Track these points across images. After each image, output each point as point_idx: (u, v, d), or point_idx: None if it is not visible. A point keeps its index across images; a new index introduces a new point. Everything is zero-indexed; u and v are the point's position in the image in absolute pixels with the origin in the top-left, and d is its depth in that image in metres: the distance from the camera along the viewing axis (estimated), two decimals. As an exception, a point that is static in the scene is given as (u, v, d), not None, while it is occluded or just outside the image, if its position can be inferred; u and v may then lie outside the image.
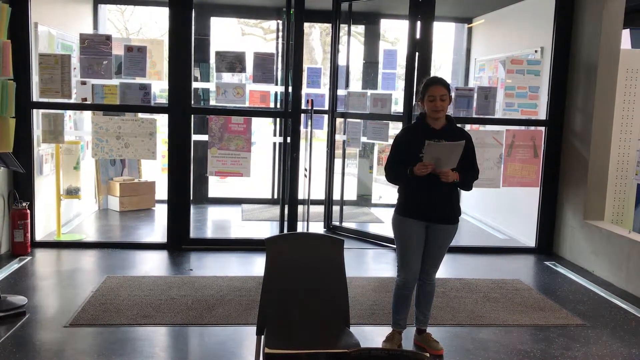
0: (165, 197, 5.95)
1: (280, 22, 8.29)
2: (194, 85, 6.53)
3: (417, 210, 3.60)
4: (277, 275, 2.90)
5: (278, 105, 7.74)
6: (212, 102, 7.46)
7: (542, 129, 6.16)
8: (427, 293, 3.78)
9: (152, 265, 5.41)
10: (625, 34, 7.08)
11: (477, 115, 6.00)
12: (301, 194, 6.07)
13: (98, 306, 4.27)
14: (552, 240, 6.27)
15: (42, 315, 4.10)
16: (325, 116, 7.22)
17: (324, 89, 7.74)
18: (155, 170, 8.47)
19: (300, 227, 6.15)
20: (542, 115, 6.21)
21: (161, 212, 7.22)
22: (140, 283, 4.79)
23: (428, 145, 3.42)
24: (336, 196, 6.99)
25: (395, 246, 3.83)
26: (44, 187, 6.01)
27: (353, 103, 6.62)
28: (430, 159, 3.44)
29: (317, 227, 6.86)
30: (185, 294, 4.60)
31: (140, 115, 6.11)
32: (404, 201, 3.67)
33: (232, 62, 5.79)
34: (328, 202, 6.90)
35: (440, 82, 3.58)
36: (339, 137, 7.02)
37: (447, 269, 5.66)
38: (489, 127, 6.48)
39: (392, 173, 3.66)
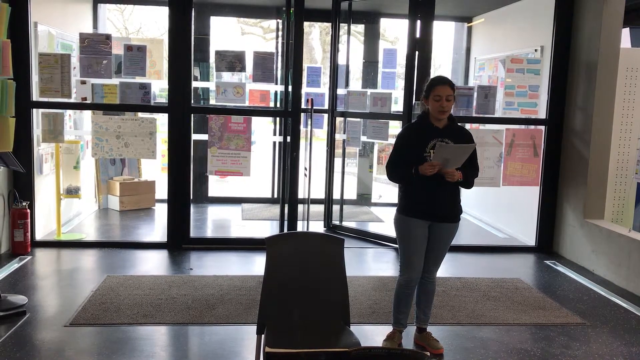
0: (165, 196, 5.96)
1: (280, 21, 8.29)
2: (194, 84, 6.53)
3: (421, 210, 3.59)
4: (277, 274, 2.90)
5: (278, 105, 7.74)
6: (212, 102, 7.46)
7: (542, 127, 6.16)
8: (428, 292, 3.78)
9: (152, 264, 5.41)
10: (625, 32, 7.08)
11: (477, 115, 6.00)
12: (301, 193, 6.07)
13: (98, 305, 4.27)
14: (552, 239, 6.27)
15: (43, 314, 4.11)
16: (325, 115, 7.22)
17: (324, 88, 7.74)
18: (155, 170, 8.47)
19: (300, 227, 6.15)
20: (542, 114, 6.20)
21: (161, 212, 7.22)
22: (140, 282, 4.80)
23: (440, 146, 3.42)
24: (336, 195, 6.99)
25: (396, 245, 3.83)
26: (44, 187, 6.01)
27: (353, 102, 6.62)
28: (440, 159, 3.43)
29: (317, 227, 6.86)
30: (185, 293, 4.60)
31: (140, 114, 6.11)
32: (406, 201, 3.65)
33: (232, 61, 5.78)
34: (328, 202, 6.90)
35: (447, 82, 3.56)
36: (339, 137, 7.03)
37: (448, 267, 5.66)
38: (488, 126, 6.48)
39: (395, 172, 3.64)
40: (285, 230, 5.91)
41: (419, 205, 3.58)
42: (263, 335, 2.82)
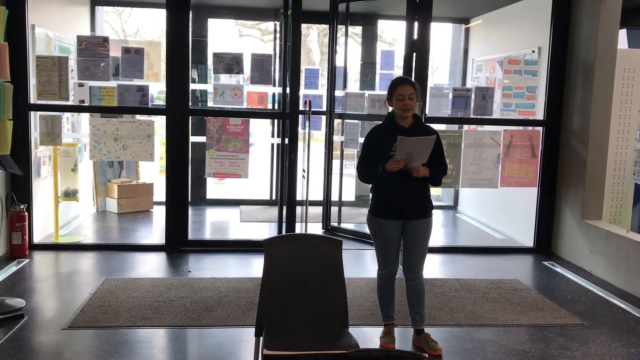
0: (163, 198, 5.95)
1: (277, 23, 8.29)
2: (192, 86, 6.53)
3: (392, 210, 3.69)
4: (275, 276, 2.90)
5: (276, 107, 7.74)
6: (210, 104, 7.45)
7: (540, 129, 6.16)
8: (418, 292, 3.80)
9: (151, 267, 5.40)
10: (622, 33, 7.09)
11: (475, 116, 6.01)
12: (299, 195, 6.07)
13: (96, 308, 4.27)
14: (551, 240, 6.27)
15: (41, 317, 4.10)
16: (323, 117, 7.22)
17: (322, 90, 7.74)
18: (153, 172, 8.46)
19: (299, 228, 6.15)
20: (540, 115, 6.21)
21: (159, 214, 7.22)
22: (138, 285, 4.79)
23: (400, 140, 3.50)
24: (334, 197, 6.99)
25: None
26: (42, 190, 6.00)
27: (351, 104, 6.62)
28: (403, 154, 3.51)
29: (316, 228, 6.86)
30: (183, 295, 4.60)
31: (138, 117, 6.10)
32: (378, 201, 3.76)
33: (230, 63, 5.79)
34: (326, 203, 6.90)
35: (407, 81, 3.68)
36: (337, 138, 7.02)
37: (446, 269, 5.67)
38: (486, 128, 6.48)
39: (365, 172, 3.76)
40: (284, 232, 5.91)
41: (390, 205, 3.69)
42: (261, 338, 2.82)
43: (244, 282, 4.95)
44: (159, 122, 6.27)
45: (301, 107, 6.13)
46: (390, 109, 3.77)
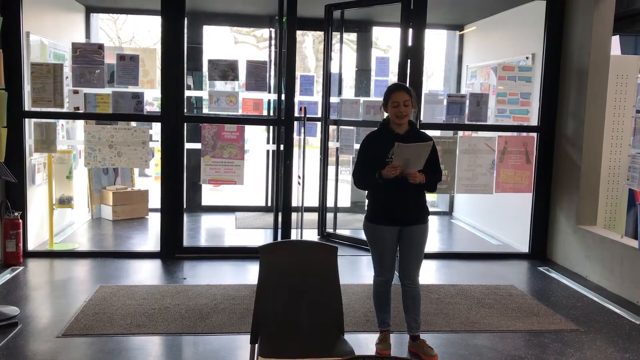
0: (158, 205, 5.94)
1: (272, 30, 8.31)
2: (187, 93, 6.54)
3: (389, 216, 3.69)
4: (271, 283, 2.90)
5: (271, 113, 7.74)
6: (205, 110, 7.46)
7: (534, 134, 6.19)
8: (414, 298, 3.80)
9: (146, 274, 5.39)
10: (615, 40, 7.13)
11: (469, 122, 6.03)
12: (295, 202, 6.07)
13: (91, 316, 4.25)
14: (546, 245, 6.28)
15: (35, 325, 4.08)
16: (319, 123, 7.24)
17: (317, 97, 7.76)
18: (148, 179, 8.44)
19: (294, 235, 6.14)
20: (534, 121, 6.24)
21: (154, 221, 7.19)
22: (133, 292, 4.77)
23: (398, 146, 3.49)
24: (330, 203, 7.00)
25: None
26: (37, 197, 5.99)
27: (346, 110, 6.64)
28: (400, 160, 3.52)
29: (311, 235, 6.85)
30: (178, 302, 4.58)
31: (133, 123, 6.10)
32: (374, 208, 3.76)
33: (225, 70, 5.79)
34: (322, 209, 6.90)
35: (402, 88, 3.70)
36: (332, 144, 7.04)
37: (441, 275, 5.67)
38: (481, 134, 6.51)
39: (361, 178, 3.76)
40: (279, 239, 5.91)
41: (387, 211, 3.69)
42: (257, 345, 2.81)
43: (239, 289, 4.94)
44: (154, 129, 6.27)
45: (296, 114, 6.14)
46: (386, 115, 3.78)
